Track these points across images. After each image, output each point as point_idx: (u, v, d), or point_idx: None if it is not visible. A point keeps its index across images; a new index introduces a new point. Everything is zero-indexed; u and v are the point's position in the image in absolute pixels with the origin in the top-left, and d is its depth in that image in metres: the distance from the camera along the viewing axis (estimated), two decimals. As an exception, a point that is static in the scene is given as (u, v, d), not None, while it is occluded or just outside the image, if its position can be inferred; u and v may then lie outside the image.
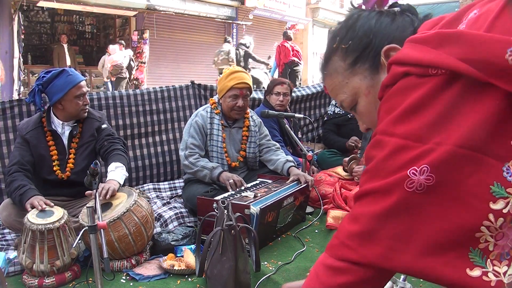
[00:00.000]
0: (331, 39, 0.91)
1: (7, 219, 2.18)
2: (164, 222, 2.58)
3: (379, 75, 0.85)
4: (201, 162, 2.65)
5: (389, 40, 0.83)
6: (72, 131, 2.37)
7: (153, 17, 11.22)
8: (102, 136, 2.43)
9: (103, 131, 2.45)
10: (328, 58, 0.92)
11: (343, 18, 0.95)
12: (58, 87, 2.25)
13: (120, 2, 10.12)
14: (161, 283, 1.97)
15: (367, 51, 0.85)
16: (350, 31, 0.86)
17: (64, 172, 2.33)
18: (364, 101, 0.87)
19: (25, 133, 2.31)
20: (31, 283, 1.93)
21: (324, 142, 3.95)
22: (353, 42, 0.86)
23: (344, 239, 0.74)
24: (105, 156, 2.38)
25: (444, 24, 0.75)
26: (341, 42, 0.88)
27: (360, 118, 0.92)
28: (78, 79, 2.31)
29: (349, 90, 0.88)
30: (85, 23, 13.04)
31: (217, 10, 12.19)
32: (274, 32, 13.99)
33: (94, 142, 2.42)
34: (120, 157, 2.34)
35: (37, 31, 12.40)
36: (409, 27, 0.85)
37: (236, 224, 1.79)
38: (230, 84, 2.70)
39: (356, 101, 0.88)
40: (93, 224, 1.64)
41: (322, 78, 0.98)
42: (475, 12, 0.71)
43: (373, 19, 0.86)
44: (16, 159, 2.24)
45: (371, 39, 0.84)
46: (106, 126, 2.49)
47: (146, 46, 10.85)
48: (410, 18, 0.87)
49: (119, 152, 2.36)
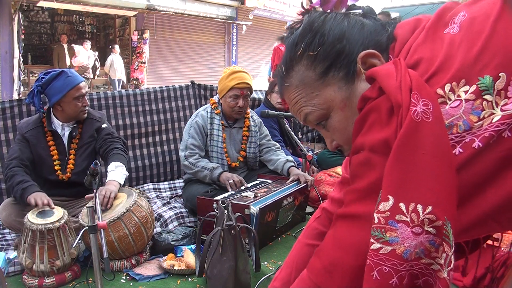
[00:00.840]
0: (292, 45, 0.80)
1: (7, 219, 2.18)
2: (164, 222, 2.57)
3: (355, 84, 0.77)
4: (201, 163, 2.65)
5: (364, 45, 0.76)
6: (71, 132, 2.37)
7: (153, 17, 11.22)
8: (102, 135, 2.42)
9: (103, 130, 2.44)
10: (289, 67, 0.81)
11: (295, 20, 0.84)
12: (57, 89, 2.25)
13: (120, 2, 10.12)
14: (161, 283, 1.97)
15: (340, 58, 0.76)
16: (318, 36, 0.76)
17: (64, 173, 2.33)
18: (339, 116, 0.79)
19: (25, 132, 2.31)
20: (31, 283, 1.93)
21: (324, 142, 3.95)
22: (323, 49, 0.76)
23: (326, 265, 0.73)
24: (105, 155, 2.37)
25: (429, 28, 0.72)
26: (307, 49, 0.77)
27: (330, 134, 0.83)
28: (77, 81, 2.30)
29: (320, 103, 0.79)
30: (85, 23, 13.04)
31: (217, 10, 12.19)
32: (274, 32, 13.97)
33: (94, 142, 2.42)
34: (120, 156, 2.33)
35: (37, 31, 12.40)
36: (381, 30, 0.78)
37: (236, 224, 1.79)
38: (231, 84, 2.70)
39: (328, 115, 0.80)
40: (93, 224, 1.64)
41: (279, 91, 0.87)
42: (463, 14, 0.69)
43: (343, 22, 0.77)
44: (15, 154, 2.24)
45: (345, 44, 0.75)
46: (106, 126, 2.49)
47: (146, 46, 10.86)
48: (377, 21, 0.80)
49: (119, 152, 2.36)
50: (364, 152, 0.70)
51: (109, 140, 2.41)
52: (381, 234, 0.65)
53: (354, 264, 0.69)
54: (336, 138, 0.83)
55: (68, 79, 2.27)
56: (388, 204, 0.65)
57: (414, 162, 0.64)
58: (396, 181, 0.65)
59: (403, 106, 0.65)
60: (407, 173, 0.64)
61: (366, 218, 0.68)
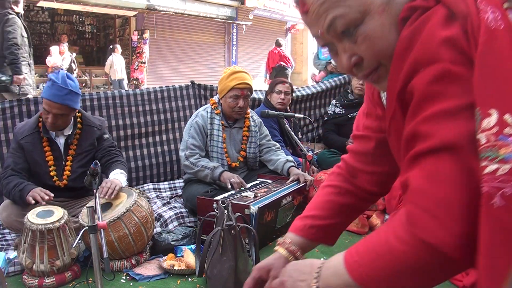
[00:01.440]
0: None
1: (7, 219, 2.18)
2: (164, 222, 2.58)
3: None
4: (202, 162, 2.65)
5: None
6: (67, 139, 2.36)
7: (153, 17, 11.23)
8: (104, 146, 2.44)
9: (105, 141, 2.46)
10: None
11: None
12: (44, 89, 2.25)
13: (120, 2, 10.13)
14: (161, 283, 1.97)
15: None
16: None
17: (61, 180, 2.33)
18: (374, 22, 0.68)
19: (21, 138, 2.30)
20: (31, 283, 1.93)
21: (325, 142, 3.95)
22: None
23: (429, 206, 0.61)
24: (106, 165, 2.39)
25: None
26: None
27: (354, 46, 0.71)
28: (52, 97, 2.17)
29: (355, 4, 0.67)
30: (85, 23, 13.06)
31: (217, 10, 12.20)
32: (274, 32, 13.99)
33: (94, 151, 2.42)
34: (121, 166, 2.38)
35: (37, 31, 12.40)
36: None
37: (236, 224, 1.79)
38: (231, 85, 2.70)
39: (361, 20, 0.68)
40: (93, 224, 1.64)
41: None
42: None
43: None
44: (11, 166, 2.25)
45: None
46: (108, 137, 2.50)
47: (146, 46, 10.87)
48: None
49: (120, 163, 2.40)
50: (440, 64, 0.60)
51: (112, 152, 2.45)
52: (495, 153, 0.57)
53: (465, 198, 0.60)
54: (361, 50, 0.70)
55: (51, 88, 2.20)
56: (492, 119, 0.58)
57: (506, 70, 0.58)
58: (495, 92, 0.58)
59: (472, 14, 0.60)
60: (503, 83, 0.58)
61: (461, 143, 0.60)
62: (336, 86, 4.39)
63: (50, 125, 2.26)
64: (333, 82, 4.41)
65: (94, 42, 13.45)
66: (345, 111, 3.77)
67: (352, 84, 3.78)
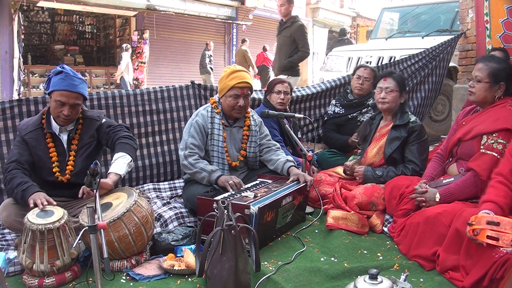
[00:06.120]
0: None
1: (7, 219, 2.18)
2: (164, 222, 2.58)
3: None
4: (201, 164, 2.64)
5: None
6: (69, 134, 2.36)
7: (153, 17, 11.23)
8: (103, 130, 2.42)
9: (103, 125, 2.43)
10: None
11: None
12: (52, 82, 2.26)
13: (120, 2, 10.13)
14: (161, 283, 1.98)
15: None
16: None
17: (63, 175, 2.33)
18: None
19: (25, 134, 2.31)
20: (31, 283, 1.93)
21: (325, 141, 3.94)
22: None
23: None
24: (112, 147, 2.38)
25: None
26: None
27: None
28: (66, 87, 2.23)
29: None
30: (85, 23, 13.05)
31: (217, 10, 12.21)
32: (274, 32, 13.96)
33: (95, 142, 2.42)
34: (123, 145, 2.33)
35: (37, 31, 12.41)
36: None
37: (236, 224, 1.80)
38: (231, 84, 2.69)
39: None
40: (93, 224, 1.65)
41: None
42: None
43: None
44: (14, 157, 2.24)
45: None
46: (105, 120, 2.47)
47: (146, 46, 10.87)
48: None
49: (122, 140, 2.35)
50: None
51: (111, 131, 2.41)
52: None
53: None
54: None
55: (65, 80, 2.23)
56: None
57: None
58: None
59: None
60: None
61: None
62: (336, 86, 4.39)
63: (64, 118, 2.28)
64: (333, 82, 4.41)
65: (94, 42, 13.45)
66: (345, 111, 3.77)
67: (352, 84, 3.78)
